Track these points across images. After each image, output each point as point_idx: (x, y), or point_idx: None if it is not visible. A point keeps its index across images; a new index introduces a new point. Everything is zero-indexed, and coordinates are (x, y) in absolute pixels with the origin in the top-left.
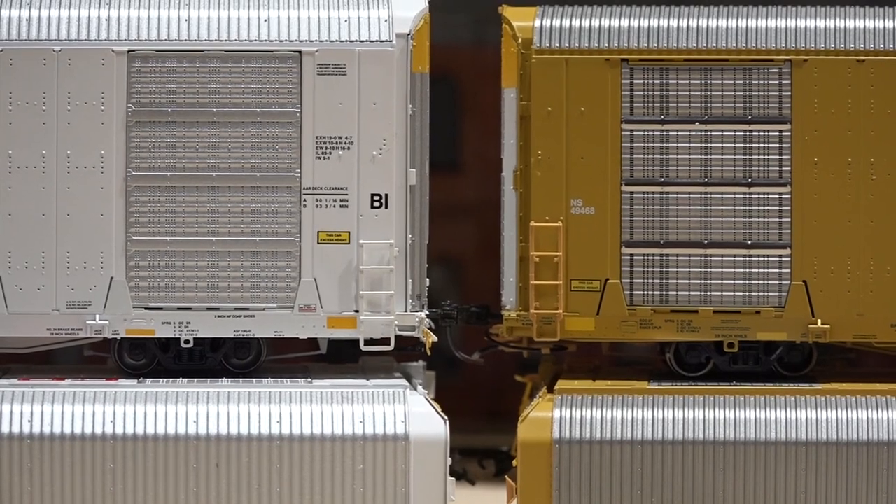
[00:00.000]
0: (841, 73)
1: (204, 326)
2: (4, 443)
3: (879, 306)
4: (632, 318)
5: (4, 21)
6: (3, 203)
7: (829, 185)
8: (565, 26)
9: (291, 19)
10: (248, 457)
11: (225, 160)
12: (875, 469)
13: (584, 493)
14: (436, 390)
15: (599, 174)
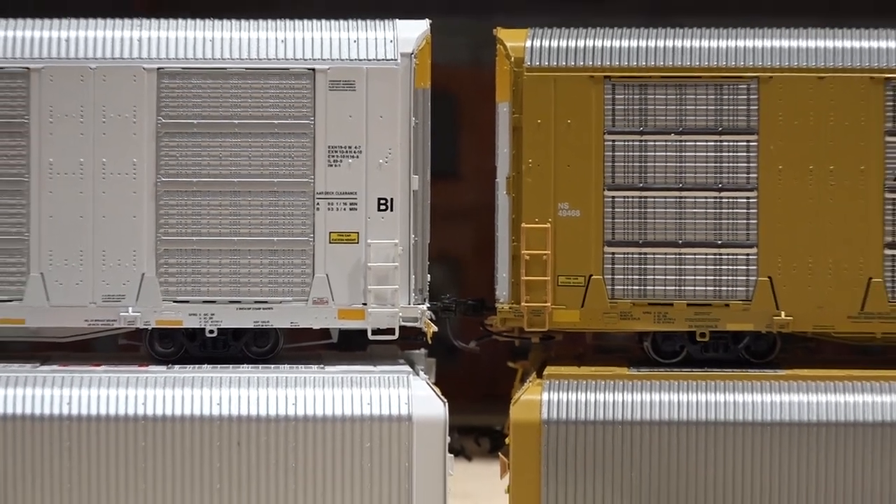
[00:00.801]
0: (803, 88)
1: (227, 317)
2: (46, 423)
3: (837, 300)
4: (613, 311)
5: (46, 41)
6: (45, 206)
7: (792, 191)
8: (553, 46)
9: (305, 40)
10: (267, 436)
11: (245, 167)
12: (833, 447)
13: (570, 469)
14: (436, 375)
15: (584, 180)
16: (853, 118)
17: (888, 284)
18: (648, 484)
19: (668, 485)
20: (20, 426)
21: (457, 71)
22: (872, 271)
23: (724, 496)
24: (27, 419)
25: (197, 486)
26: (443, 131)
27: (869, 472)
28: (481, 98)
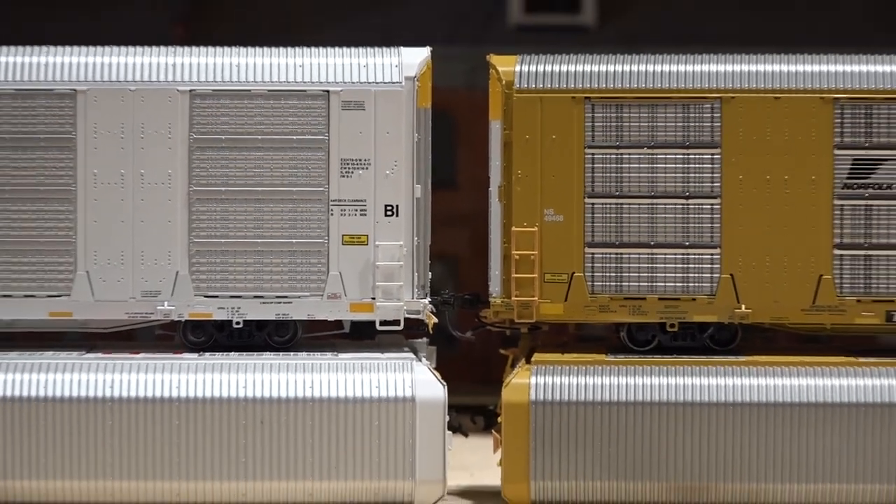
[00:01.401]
0: (761, 107)
1: (251, 310)
2: (91, 405)
3: (792, 295)
4: (593, 304)
5: (91, 66)
6: (90, 212)
7: (752, 198)
8: (540, 71)
9: (321, 65)
10: (287, 415)
11: (268, 178)
12: (788, 426)
13: (556, 444)
14: (436, 361)
15: (567, 189)
16: (805, 134)
17: (836, 281)
18: (625, 457)
19: (641, 457)
20: (69, 407)
21: (454, 93)
22: (823, 269)
23: (690, 467)
24: (75, 401)
25: (225, 460)
26: (442, 146)
27: (816, 446)
28: (476, 117)
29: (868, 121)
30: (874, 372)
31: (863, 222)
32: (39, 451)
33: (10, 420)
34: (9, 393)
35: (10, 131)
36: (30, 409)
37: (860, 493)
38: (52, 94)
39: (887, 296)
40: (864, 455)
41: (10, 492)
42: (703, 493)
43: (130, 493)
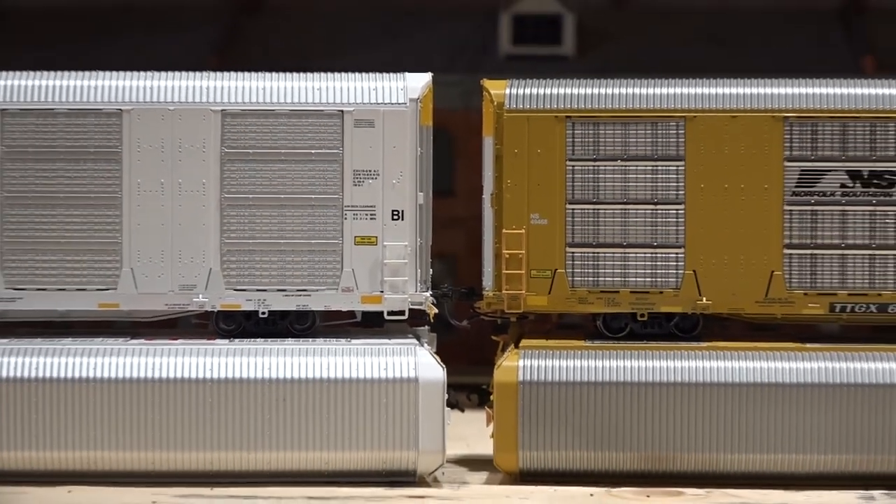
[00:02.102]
0: (720, 125)
1: (275, 302)
2: (135, 385)
3: (747, 288)
4: (573, 297)
5: (135, 89)
6: (134, 216)
7: (712, 204)
8: (527, 93)
9: (336, 88)
10: (306, 394)
11: (289, 186)
12: (743, 403)
13: (541, 419)
14: (436, 346)
15: (550, 196)
16: (759, 148)
17: (786, 276)
18: (601, 430)
19: (615, 430)
20: (116, 388)
21: (452, 113)
22: (774, 266)
23: (658, 439)
24: (121, 381)
25: (252, 434)
26: (441, 159)
27: (767, 421)
28: (471, 134)
29: (814, 137)
30: (819, 356)
31: (809, 225)
32: (90, 425)
33: (67, 398)
34: (65, 374)
35: (64, 146)
36: (82, 389)
37: (805, 462)
38: (101, 113)
39: (830, 289)
40: (810, 428)
41: (65, 461)
42: (669, 462)
43: (169, 462)
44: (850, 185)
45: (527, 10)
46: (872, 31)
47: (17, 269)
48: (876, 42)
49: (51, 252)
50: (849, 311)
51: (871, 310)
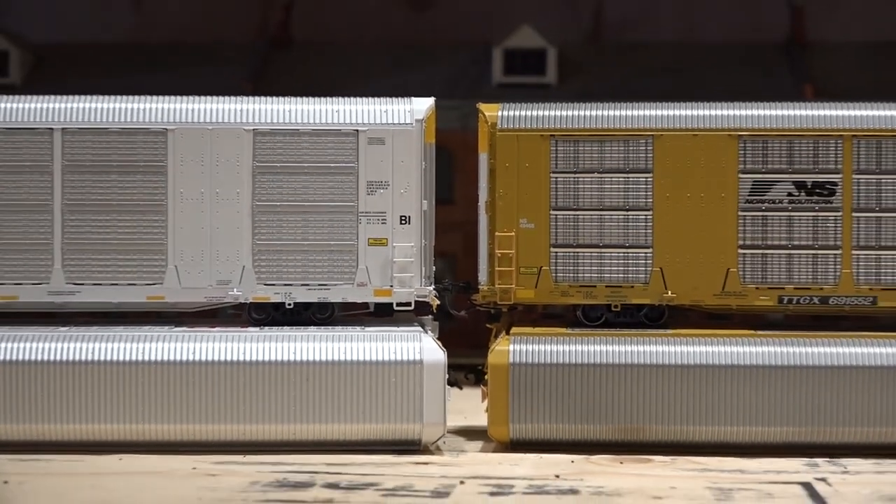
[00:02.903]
0: (683, 142)
1: (300, 295)
2: (177, 367)
3: (706, 283)
4: (556, 290)
5: (178, 111)
6: (178, 221)
7: (676, 210)
8: (517, 115)
9: (352, 111)
10: (326, 374)
11: (312, 195)
12: (703, 382)
13: (528, 396)
14: (438, 333)
15: (537, 203)
16: (717, 162)
17: (740, 273)
18: (581, 405)
19: (593, 405)
20: (162, 369)
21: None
22: (730, 264)
23: (630, 413)
24: (166, 364)
25: (279, 408)
26: (442, 172)
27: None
28: (468, 150)
29: (764, 152)
30: (769, 342)
31: (760, 228)
32: (139, 402)
33: (118, 378)
34: (117, 358)
35: (118, 160)
36: (133, 370)
37: (758, 434)
38: (149, 131)
39: (779, 284)
40: (761, 404)
41: (116, 433)
42: (640, 433)
43: (207, 433)
44: (795, 194)
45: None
46: (810, 64)
47: (76, 267)
48: (814, 73)
49: (105, 252)
50: (795, 303)
51: (814, 301)
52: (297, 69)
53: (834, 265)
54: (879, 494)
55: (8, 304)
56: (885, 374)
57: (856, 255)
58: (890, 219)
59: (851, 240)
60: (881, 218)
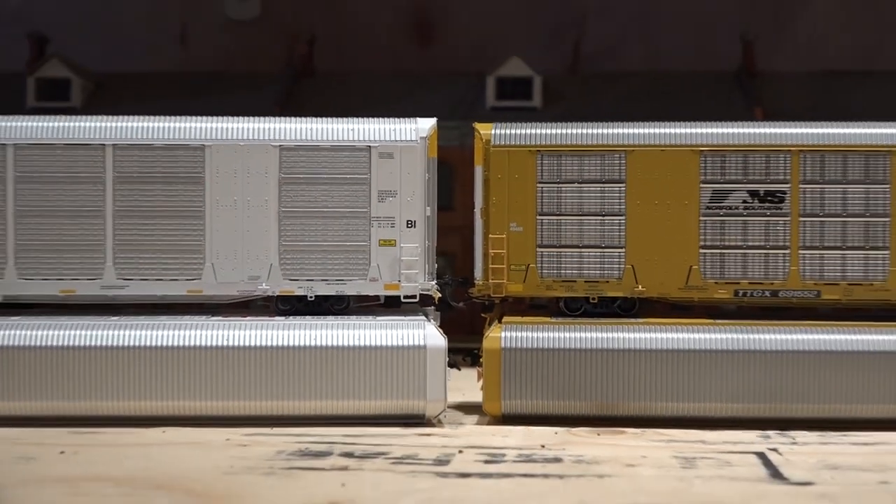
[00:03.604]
0: (652, 157)
1: (320, 289)
2: (211, 351)
3: (671, 278)
4: (542, 284)
5: (214, 129)
6: (214, 224)
7: (646, 215)
8: (508, 133)
9: (366, 129)
10: (343, 357)
11: (331, 202)
12: (669, 364)
13: (518, 376)
14: (440, 321)
15: (525, 210)
16: (681, 173)
17: (701, 269)
18: (563, 384)
19: (574, 384)
20: (200, 353)
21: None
22: (692, 261)
23: (606, 391)
24: (204, 349)
25: (303, 387)
26: (443, 182)
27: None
28: (465, 164)
29: (722, 165)
30: (725, 329)
31: (719, 231)
32: (180, 381)
33: (163, 362)
34: (163, 343)
35: (161, 171)
36: (175, 355)
37: (717, 409)
38: (189, 147)
39: (735, 279)
40: (719, 383)
41: (160, 409)
42: (615, 409)
43: (239, 409)
44: (750, 201)
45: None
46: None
47: (125, 264)
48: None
49: (151, 251)
50: (749, 296)
51: (766, 295)
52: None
53: (783, 263)
54: (824, 463)
55: (67, 297)
56: (827, 358)
57: (802, 254)
58: (832, 222)
59: (798, 241)
60: (824, 222)
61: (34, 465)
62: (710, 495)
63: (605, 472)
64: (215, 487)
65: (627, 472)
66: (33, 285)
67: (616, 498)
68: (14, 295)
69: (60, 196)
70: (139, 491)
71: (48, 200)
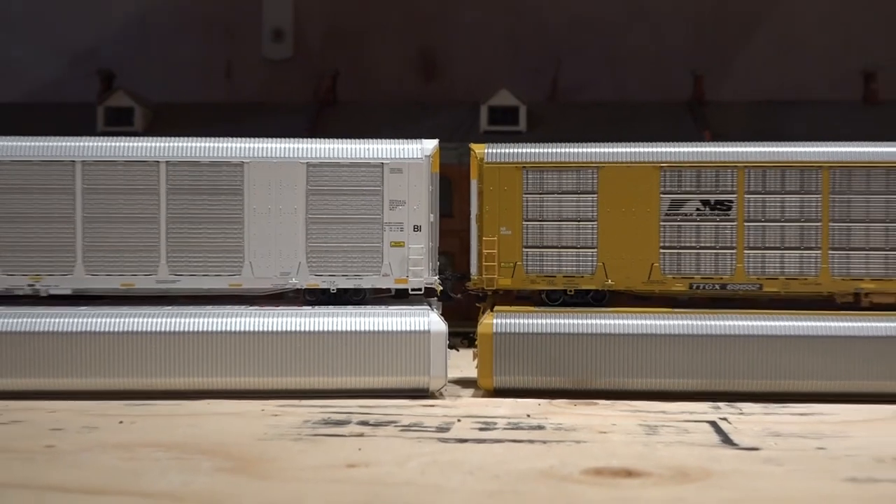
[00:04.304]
0: (620, 172)
1: (341, 282)
2: (252, 336)
3: (636, 274)
4: (527, 279)
5: (252, 149)
6: (252, 229)
7: (615, 220)
8: (499, 152)
9: (379, 148)
10: (360, 341)
11: (350, 210)
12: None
13: (507, 356)
14: (441, 310)
15: (513, 216)
16: (644, 185)
17: (661, 266)
18: (545, 362)
19: (554, 363)
20: (241, 337)
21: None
22: (654, 260)
23: (582, 368)
24: (243, 333)
25: (325, 365)
26: (444, 193)
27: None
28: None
29: (679, 179)
30: (681, 316)
31: (676, 234)
32: (224, 361)
33: (209, 345)
34: (209, 329)
35: (207, 184)
36: (220, 339)
37: (675, 384)
38: (231, 164)
39: (690, 275)
40: (676, 362)
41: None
42: (588, 383)
43: (273, 384)
44: (702, 209)
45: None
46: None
47: (176, 262)
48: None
49: (198, 251)
50: (701, 289)
51: (716, 287)
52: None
53: (731, 261)
54: (768, 431)
55: (127, 290)
56: (768, 341)
57: (747, 253)
58: (772, 227)
59: (743, 242)
60: (765, 226)
61: (97, 433)
62: (672, 458)
63: (582, 437)
64: (251, 451)
65: (600, 437)
66: (98, 280)
67: (591, 460)
68: (82, 288)
69: (121, 205)
70: (186, 455)
71: (111, 209)
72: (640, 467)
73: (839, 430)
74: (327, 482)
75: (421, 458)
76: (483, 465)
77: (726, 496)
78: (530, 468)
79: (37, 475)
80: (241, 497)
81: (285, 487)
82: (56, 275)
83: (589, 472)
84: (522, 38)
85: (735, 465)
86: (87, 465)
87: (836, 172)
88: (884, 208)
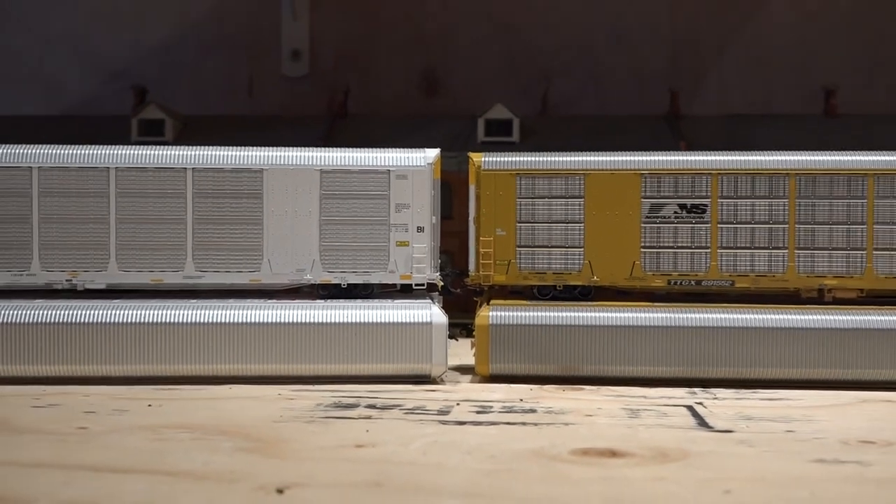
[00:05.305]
0: (604, 179)
1: (351, 278)
2: (270, 326)
3: (619, 271)
4: (520, 276)
5: (270, 157)
6: (270, 230)
7: (600, 222)
8: (494, 160)
9: (386, 157)
10: (368, 331)
11: (359, 213)
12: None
13: (502, 345)
14: (442, 303)
15: (507, 219)
16: (627, 191)
17: (642, 264)
18: (536, 351)
19: (544, 351)
20: (260, 328)
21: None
22: (635, 258)
23: (569, 356)
24: (262, 324)
25: (335, 353)
26: (445, 198)
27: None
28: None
29: (658, 185)
30: (661, 309)
31: (656, 235)
32: (243, 349)
33: (231, 335)
34: (230, 320)
35: (230, 189)
36: (241, 329)
37: (654, 371)
38: (251, 170)
39: (668, 272)
40: (656, 351)
41: (227, 370)
42: (576, 371)
43: (288, 370)
44: (679, 212)
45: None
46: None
47: (201, 259)
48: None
49: (221, 250)
50: (679, 284)
51: (692, 283)
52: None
53: (705, 259)
54: (741, 415)
55: (156, 285)
56: (740, 332)
57: (720, 252)
58: (743, 228)
59: (717, 242)
60: (737, 228)
61: (126, 415)
62: (652, 440)
63: (570, 420)
64: (268, 433)
65: (587, 420)
66: (130, 275)
67: (579, 441)
68: (115, 283)
69: (151, 207)
70: (208, 436)
71: (142, 211)
72: (624, 448)
73: (806, 414)
74: (338, 461)
75: (424, 439)
76: (480, 445)
77: (703, 475)
78: (523, 448)
79: (68, 455)
80: (258, 475)
81: (299, 466)
82: (91, 271)
83: (577, 452)
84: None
85: (711, 447)
86: (115, 446)
87: (801, 179)
88: (845, 212)
